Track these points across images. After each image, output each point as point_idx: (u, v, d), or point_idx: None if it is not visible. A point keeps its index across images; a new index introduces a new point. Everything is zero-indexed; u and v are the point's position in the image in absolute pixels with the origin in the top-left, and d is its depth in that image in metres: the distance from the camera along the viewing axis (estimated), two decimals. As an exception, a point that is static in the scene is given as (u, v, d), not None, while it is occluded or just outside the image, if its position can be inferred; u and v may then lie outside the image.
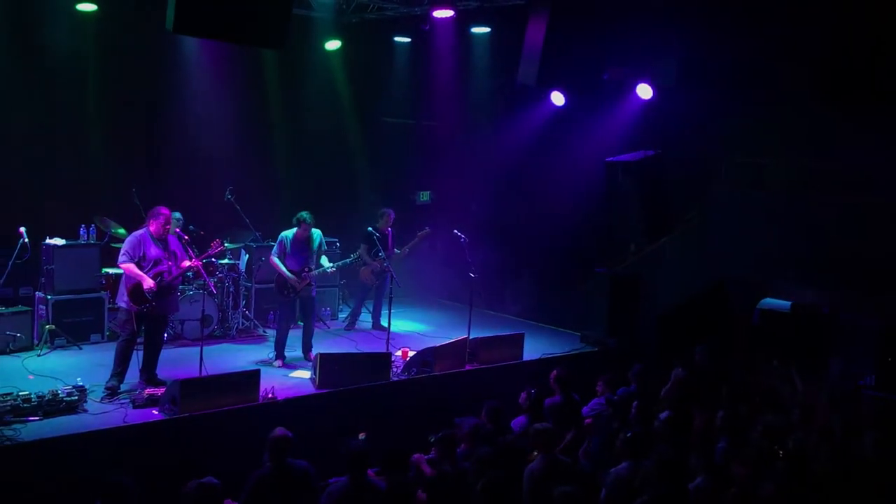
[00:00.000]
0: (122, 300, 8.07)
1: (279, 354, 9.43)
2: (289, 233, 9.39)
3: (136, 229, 8.29)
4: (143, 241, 8.05)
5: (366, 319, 11.76)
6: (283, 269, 9.31)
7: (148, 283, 7.91)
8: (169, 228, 8.19)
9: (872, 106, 9.68)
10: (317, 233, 9.48)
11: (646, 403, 7.80)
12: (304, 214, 9.34)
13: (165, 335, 8.95)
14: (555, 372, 8.48)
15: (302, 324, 9.72)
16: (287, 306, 9.55)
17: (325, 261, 9.57)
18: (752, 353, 10.48)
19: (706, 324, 10.75)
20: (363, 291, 11.47)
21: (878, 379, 9.38)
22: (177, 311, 9.04)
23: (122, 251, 8.06)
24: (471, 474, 6.18)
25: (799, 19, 10.14)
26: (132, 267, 7.94)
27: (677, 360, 9.14)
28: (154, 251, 8.04)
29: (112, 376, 7.99)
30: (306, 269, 9.37)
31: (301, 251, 9.37)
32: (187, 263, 8.26)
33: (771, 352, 9.87)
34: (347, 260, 10.15)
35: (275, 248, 9.48)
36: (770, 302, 11.11)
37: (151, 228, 8.10)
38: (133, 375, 8.18)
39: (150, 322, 8.23)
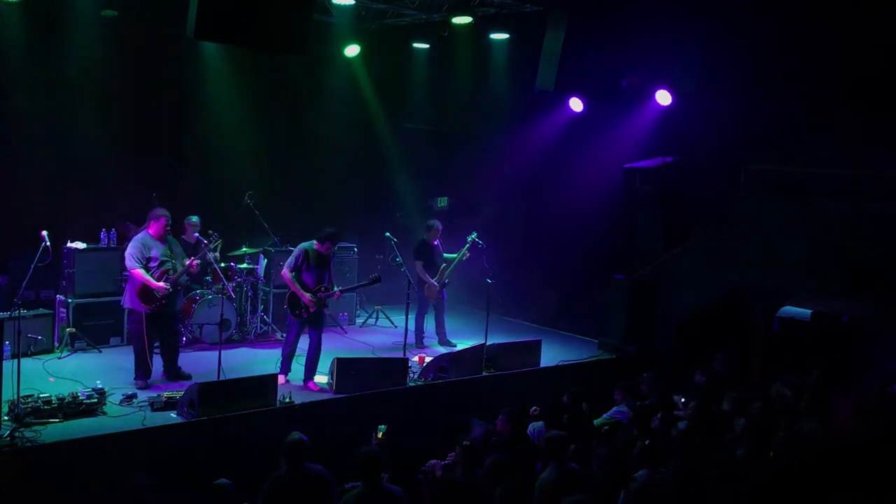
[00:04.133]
0: (132, 302, 8.31)
1: (285, 369, 8.87)
2: (308, 245, 8.74)
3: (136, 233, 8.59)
4: (146, 244, 8.28)
5: (383, 323, 11.83)
6: (298, 286, 8.64)
7: (157, 286, 8.18)
8: (168, 230, 8.45)
9: (894, 113, 9.58)
10: None
11: (666, 412, 7.73)
12: (334, 230, 8.73)
13: (184, 339, 9.02)
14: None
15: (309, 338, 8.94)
16: (297, 324, 8.85)
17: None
18: (772, 361, 10.38)
19: (725, 331, 10.66)
20: (424, 306, 10.78)
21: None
22: (181, 307, 9.12)
23: (128, 255, 8.28)
24: (486, 481, 6.13)
25: (820, 26, 10.05)
26: (141, 272, 8.18)
27: (696, 367, 9.08)
28: (156, 252, 8.31)
29: (137, 377, 8.32)
30: (322, 289, 8.75)
31: (320, 267, 8.74)
32: (187, 262, 8.46)
33: (790, 360, 9.77)
34: (364, 282, 9.52)
35: (290, 260, 8.76)
36: (789, 310, 11.00)
37: (151, 230, 8.38)
38: (157, 376, 8.44)
39: (161, 320, 8.44)
